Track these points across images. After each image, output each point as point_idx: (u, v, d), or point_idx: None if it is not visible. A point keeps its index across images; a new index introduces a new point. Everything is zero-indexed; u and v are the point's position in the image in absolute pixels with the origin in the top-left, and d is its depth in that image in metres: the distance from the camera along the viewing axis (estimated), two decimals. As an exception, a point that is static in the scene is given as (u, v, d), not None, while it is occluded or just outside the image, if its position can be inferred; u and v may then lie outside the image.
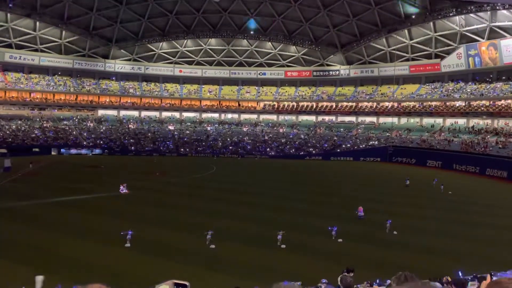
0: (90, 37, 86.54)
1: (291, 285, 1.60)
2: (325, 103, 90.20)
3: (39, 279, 6.89)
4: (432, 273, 13.51)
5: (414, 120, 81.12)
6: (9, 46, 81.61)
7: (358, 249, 22.64)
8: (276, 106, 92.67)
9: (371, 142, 76.85)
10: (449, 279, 12.26)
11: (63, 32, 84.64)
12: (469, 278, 10.78)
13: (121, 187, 37.22)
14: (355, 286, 11.78)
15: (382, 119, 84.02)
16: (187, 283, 1.95)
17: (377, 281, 13.72)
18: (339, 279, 16.18)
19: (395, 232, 25.51)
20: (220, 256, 21.09)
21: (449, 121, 75.59)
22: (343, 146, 77.89)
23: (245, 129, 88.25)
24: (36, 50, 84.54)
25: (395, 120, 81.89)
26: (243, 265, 19.94)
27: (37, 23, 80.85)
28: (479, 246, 22.85)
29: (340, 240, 23.84)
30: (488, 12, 65.71)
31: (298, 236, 24.18)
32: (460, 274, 12.80)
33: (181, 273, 17.50)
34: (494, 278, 2.48)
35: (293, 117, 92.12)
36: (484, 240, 24.32)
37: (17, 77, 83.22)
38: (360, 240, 24.28)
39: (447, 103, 75.75)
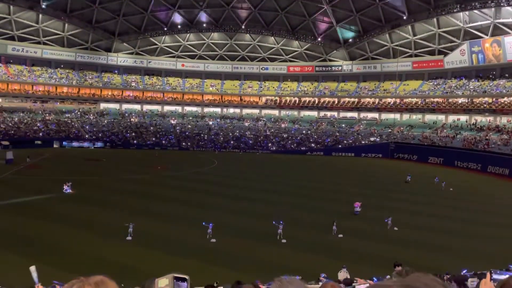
0: (93, 30, 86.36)
1: (292, 279, 1.61)
2: (327, 99, 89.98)
3: (33, 268, 6.97)
4: (432, 270, 13.54)
5: (416, 117, 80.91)
6: (12, 38, 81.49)
7: (358, 244, 22.72)
8: (278, 101, 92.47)
9: (372, 138, 76.75)
10: (449, 275, 12.28)
11: (66, 25, 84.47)
12: (469, 275, 10.81)
13: (65, 186, 33.69)
14: (354, 280, 11.81)
15: (384, 115, 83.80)
16: (186, 277, 1.96)
17: (375, 279, 13.77)
18: (339, 274, 16.24)
19: (395, 228, 25.59)
20: (221, 250, 21.19)
21: (451, 118, 75.39)
22: (345, 141, 77.78)
23: (247, 124, 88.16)
24: (38, 43, 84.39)
25: (397, 116, 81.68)
26: (243, 259, 20.04)
27: (40, 15, 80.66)
28: (479, 244, 22.89)
29: (340, 235, 23.92)
30: (492, 9, 65.25)
31: (298, 231, 24.26)
32: (463, 271, 12.83)
33: (181, 266, 17.60)
34: (494, 276, 2.48)
35: (295, 112, 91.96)
36: (485, 237, 24.34)
37: (20, 70, 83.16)
38: (360, 235, 24.34)
39: (450, 100, 75.51)
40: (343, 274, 15.78)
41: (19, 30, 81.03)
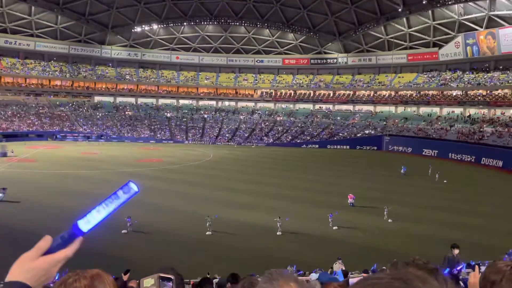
0: (86, 23, 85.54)
1: (282, 271, 1.61)
2: (322, 91, 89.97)
3: None
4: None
5: (411, 109, 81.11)
6: (4, 30, 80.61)
7: (353, 236, 22.86)
8: (273, 94, 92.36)
9: (367, 131, 76.93)
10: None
11: (59, 17, 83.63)
12: (464, 266, 10.90)
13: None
14: (349, 273, 11.89)
15: (379, 108, 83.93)
16: (172, 277, 1.97)
17: (374, 266, 13.87)
18: (334, 265, 16.34)
19: (390, 220, 25.76)
20: (217, 242, 21.25)
21: (446, 110, 75.64)
22: (340, 134, 77.96)
23: (242, 117, 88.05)
24: (31, 35, 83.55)
25: (392, 108, 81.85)
26: (239, 251, 20.11)
27: (32, 7, 79.77)
28: (473, 234, 23.09)
29: (335, 227, 24.06)
30: (487, 1, 65.27)
31: (293, 223, 24.36)
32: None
33: (177, 259, 17.63)
34: (483, 269, 2.51)
35: (291, 105, 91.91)
36: (478, 228, 24.56)
37: (13, 63, 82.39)
38: (355, 227, 24.50)
39: (444, 92, 75.75)
40: (338, 266, 15.88)
41: (11, 22, 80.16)
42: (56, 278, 1.53)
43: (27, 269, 1.37)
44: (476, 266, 2.51)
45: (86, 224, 1.47)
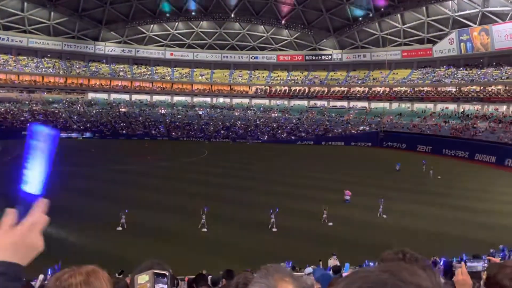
0: (79, 19, 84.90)
1: (278, 266, 1.61)
2: (317, 88, 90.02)
3: None
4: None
5: (405, 105, 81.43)
6: (-4, 27, 79.94)
7: (348, 232, 22.98)
8: (268, 91, 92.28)
9: (362, 127, 77.13)
10: (437, 259, 12.53)
11: (52, 13, 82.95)
12: (456, 261, 11.02)
13: None
14: (343, 269, 11.96)
15: (374, 104, 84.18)
16: (166, 273, 1.99)
17: (366, 262, 13.99)
18: (329, 261, 16.43)
19: (384, 216, 25.91)
20: (212, 239, 21.28)
21: (440, 106, 76.03)
22: (335, 131, 78.12)
23: (236, 114, 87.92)
24: (24, 32, 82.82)
25: (386, 105, 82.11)
26: (234, 248, 20.16)
27: (25, 3, 79.06)
28: (466, 230, 23.30)
29: (330, 223, 24.17)
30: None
31: (289, 220, 24.44)
32: (441, 258, 13.07)
33: (172, 256, 17.64)
34: (469, 264, 2.53)
35: (285, 102, 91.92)
36: (471, 224, 24.77)
37: (5, 59, 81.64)
38: (350, 223, 24.62)
39: (438, 89, 76.09)
40: (333, 262, 15.98)
41: (3, 18, 79.41)
42: (49, 273, 1.55)
43: (5, 247, 1.22)
44: (463, 264, 2.52)
45: (29, 186, 1.31)
